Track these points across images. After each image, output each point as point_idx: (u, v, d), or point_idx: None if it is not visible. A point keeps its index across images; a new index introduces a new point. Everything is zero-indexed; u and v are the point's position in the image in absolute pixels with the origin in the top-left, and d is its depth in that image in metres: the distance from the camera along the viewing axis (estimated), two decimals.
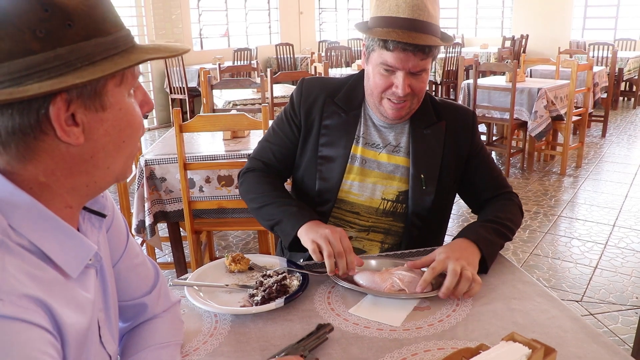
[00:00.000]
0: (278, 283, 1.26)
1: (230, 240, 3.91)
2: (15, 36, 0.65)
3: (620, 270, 3.35)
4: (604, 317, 2.82)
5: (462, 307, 1.23)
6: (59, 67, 0.67)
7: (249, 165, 1.67)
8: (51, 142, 0.71)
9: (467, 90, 5.46)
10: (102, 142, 0.75)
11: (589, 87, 5.44)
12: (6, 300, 0.62)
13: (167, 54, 0.76)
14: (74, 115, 0.71)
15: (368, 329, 1.15)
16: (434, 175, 1.56)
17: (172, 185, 2.65)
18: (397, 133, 1.59)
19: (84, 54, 0.69)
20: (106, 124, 0.75)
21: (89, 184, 0.78)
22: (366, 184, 1.58)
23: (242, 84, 4.39)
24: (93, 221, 0.87)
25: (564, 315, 1.18)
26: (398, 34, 1.38)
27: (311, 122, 1.61)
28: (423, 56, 1.41)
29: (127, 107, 0.78)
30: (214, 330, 1.15)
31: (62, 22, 0.67)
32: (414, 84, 1.46)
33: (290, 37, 10.56)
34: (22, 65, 0.66)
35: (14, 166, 0.71)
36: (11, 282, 0.64)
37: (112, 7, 0.75)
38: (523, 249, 3.68)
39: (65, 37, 0.68)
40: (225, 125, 2.63)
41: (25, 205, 0.71)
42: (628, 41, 10.10)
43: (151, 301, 1.04)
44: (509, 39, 10.42)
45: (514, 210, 1.56)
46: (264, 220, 1.54)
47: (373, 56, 1.47)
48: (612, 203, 4.53)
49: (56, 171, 0.73)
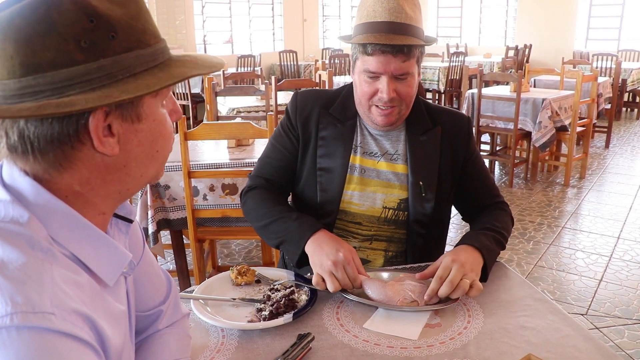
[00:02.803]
0: (286, 297, 1.24)
1: (233, 249, 3.88)
2: (60, 46, 0.65)
3: (626, 283, 3.32)
4: (609, 331, 2.79)
5: (473, 324, 1.21)
6: (100, 79, 0.67)
7: (251, 184, 1.65)
8: (87, 152, 0.71)
9: (472, 100, 5.44)
10: (136, 152, 0.76)
11: (594, 98, 5.43)
12: (58, 315, 0.62)
13: (206, 70, 0.76)
14: (110, 125, 0.71)
15: (378, 346, 1.12)
16: (433, 181, 1.56)
17: (175, 193, 2.63)
18: (394, 141, 1.59)
19: (126, 65, 0.69)
20: (140, 134, 0.75)
21: (122, 191, 0.78)
22: (367, 194, 1.57)
23: (246, 91, 4.37)
24: (120, 226, 0.87)
25: (577, 334, 1.16)
26: (375, 37, 1.38)
27: (308, 134, 1.60)
28: (404, 57, 1.40)
29: (161, 118, 0.78)
30: (221, 345, 1.13)
31: (107, 33, 0.67)
32: (400, 89, 1.45)
33: (294, 44, 10.57)
34: (65, 76, 0.66)
35: (51, 174, 0.71)
36: (60, 296, 0.64)
37: (151, 18, 0.75)
38: (527, 260, 3.66)
39: (109, 48, 0.68)
40: (231, 134, 2.62)
41: (62, 213, 0.71)
42: (632, 52, 10.10)
43: (163, 313, 1.03)
44: (513, 48, 10.42)
45: (507, 220, 1.59)
46: (269, 239, 1.54)
47: (357, 64, 1.47)
48: (617, 215, 4.50)
49: (90, 180, 0.73)
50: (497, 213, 1.58)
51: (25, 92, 0.66)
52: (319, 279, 1.29)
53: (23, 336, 0.59)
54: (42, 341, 0.60)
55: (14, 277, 0.62)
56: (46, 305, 0.61)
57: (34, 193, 0.70)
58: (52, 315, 0.61)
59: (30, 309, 0.60)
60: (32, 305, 0.60)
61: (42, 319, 0.60)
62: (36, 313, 0.60)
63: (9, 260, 0.63)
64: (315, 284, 1.29)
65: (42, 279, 0.63)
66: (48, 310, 0.61)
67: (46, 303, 0.62)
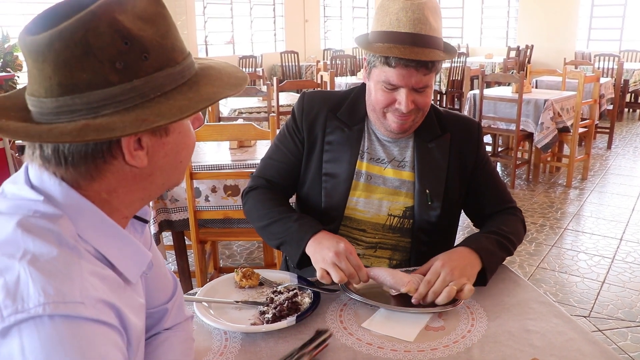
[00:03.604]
0: (289, 300, 1.24)
1: (235, 250, 3.88)
2: (96, 68, 0.68)
3: (629, 285, 3.32)
4: (612, 333, 2.78)
5: (477, 327, 1.20)
6: (134, 98, 0.70)
7: (252, 184, 1.63)
8: (118, 165, 0.74)
9: (473, 101, 5.44)
10: (161, 163, 0.79)
11: (596, 98, 5.42)
12: (87, 304, 0.66)
13: (233, 90, 0.78)
14: (139, 139, 0.74)
15: (382, 349, 1.12)
16: (439, 190, 1.53)
17: (177, 194, 2.63)
18: (402, 147, 1.56)
19: (157, 84, 0.72)
20: (167, 147, 0.79)
21: (144, 198, 0.83)
22: (372, 201, 1.55)
23: (248, 92, 4.37)
24: (136, 226, 0.91)
25: (581, 337, 1.16)
26: (400, 50, 1.34)
27: (314, 138, 1.57)
28: (426, 71, 1.38)
29: (186, 130, 0.82)
30: (224, 348, 1.13)
31: (140, 54, 0.70)
32: (418, 100, 1.42)
33: (295, 44, 10.57)
34: (100, 96, 0.68)
35: (81, 183, 0.74)
36: (88, 287, 0.68)
37: (178, 33, 0.77)
38: (529, 262, 3.65)
39: (141, 69, 0.70)
40: (233, 135, 2.61)
41: (90, 213, 0.75)
42: (633, 52, 10.09)
43: (168, 311, 1.04)
44: (514, 49, 10.41)
45: (518, 225, 1.55)
46: (269, 240, 1.52)
47: (375, 72, 1.43)
48: (619, 216, 4.50)
49: (118, 189, 0.77)
50: (506, 218, 1.55)
51: (62, 111, 0.69)
52: (323, 273, 1.27)
53: (56, 324, 0.63)
54: (73, 327, 0.64)
55: (46, 270, 0.65)
56: (75, 295, 0.65)
57: (63, 194, 0.73)
58: (81, 305, 0.65)
59: (61, 299, 0.64)
60: (62, 295, 0.64)
61: (72, 308, 0.64)
62: (67, 303, 0.64)
63: (41, 254, 0.67)
64: (320, 277, 1.28)
65: (71, 272, 0.67)
66: (77, 300, 0.65)
67: (75, 294, 0.65)
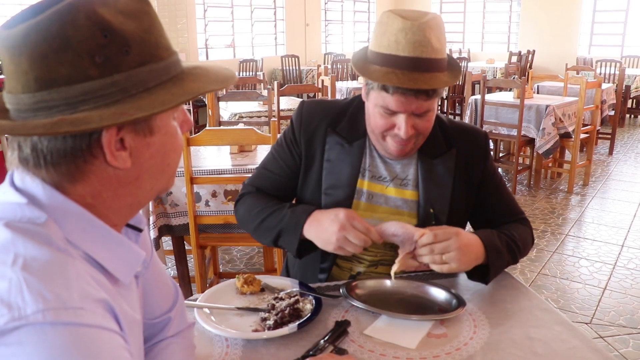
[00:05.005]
0: (291, 307, 1.23)
1: (234, 255, 3.87)
2: (75, 62, 0.65)
3: (630, 292, 3.30)
4: (614, 340, 2.77)
5: (479, 334, 1.19)
6: (114, 94, 0.68)
7: (243, 192, 1.59)
8: (99, 165, 0.72)
9: (475, 106, 5.43)
10: (147, 165, 0.76)
11: (598, 104, 5.41)
12: (87, 309, 0.64)
13: (219, 85, 0.76)
14: (122, 139, 0.71)
15: (384, 356, 1.11)
16: (444, 209, 1.48)
17: (177, 199, 2.62)
18: (404, 165, 1.50)
19: (139, 80, 0.69)
20: (152, 148, 0.75)
21: (132, 204, 0.79)
22: (374, 220, 1.46)
23: (249, 96, 4.37)
24: (130, 235, 0.88)
25: (584, 346, 1.15)
26: (398, 77, 1.25)
27: (312, 153, 1.51)
28: (426, 98, 1.30)
29: (172, 131, 0.79)
30: (225, 355, 1.12)
31: (120, 48, 0.67)
32: (419, 125, 1.35)
33: (296, 48, 10.57)
34: (79, 91, 0.66)
35: (65, 186, 0.72)
36: (85, 288, 0.66)
37: (163, 30, 0.75)
38: (530, 268, 3.64)
39: (123, 63, 0.68)
40: (234, 140, 2.61)
41: (75, 214, 0.72)
42: (635, 58, 10.09)
43: (171, 320, 1.02)
44: (516, 54, 10.41)
45: (527, 236, 1.51)
46: (266, 237, 1.48)
47: (373, 95, 1.36)
48: (621, 222, 4.48)
49: (102, 193, 0.74)
50: (516, 225, 1.50)
51: (40, 107, 0.66)
52: (336, 247, 1.29)
53: (58, 332, 0.60)
54: (76, 335, 0.62)
55: (40, 274, 0.63)
56: (74, 300, 0.63)
57: (46, 196, 0.71)
58: (82, 310, 0.63)
59: (61, 305, 0.62)
60: (62, 301, 0.62)
61: (73, 315, 0.62)
62: (67, 309, 0.62)
63: (33, 258, 0.64)
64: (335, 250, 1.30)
65: (67, 274, 0.65)
66: (77, 305, 0.63)
67: (74, 298, 0.63)
